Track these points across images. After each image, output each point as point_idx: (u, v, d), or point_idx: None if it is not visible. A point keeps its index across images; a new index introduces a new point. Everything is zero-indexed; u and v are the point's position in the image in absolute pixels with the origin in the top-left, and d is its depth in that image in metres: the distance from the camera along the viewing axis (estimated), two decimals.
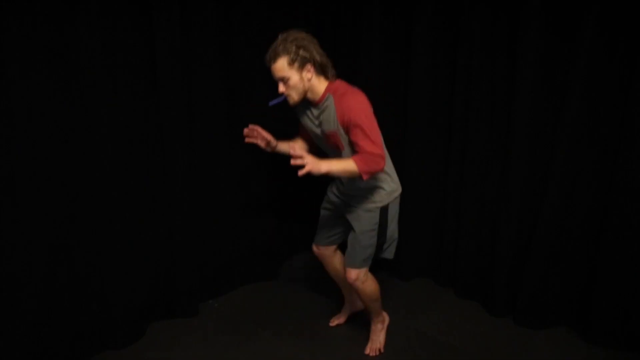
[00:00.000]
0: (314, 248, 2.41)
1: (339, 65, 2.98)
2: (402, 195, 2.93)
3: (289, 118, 2.30)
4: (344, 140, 1.91)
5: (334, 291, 2.63)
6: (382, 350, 2.30)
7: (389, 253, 2.20)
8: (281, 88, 1.88)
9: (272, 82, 1.94)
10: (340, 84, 1.93)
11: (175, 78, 2.30)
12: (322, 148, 2.13)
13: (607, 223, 2.21)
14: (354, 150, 1.87)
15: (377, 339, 2.32)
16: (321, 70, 1.89)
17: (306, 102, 1.98)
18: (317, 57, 1.85)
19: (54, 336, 2.11)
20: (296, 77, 1.84)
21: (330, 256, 2.39)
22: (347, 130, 1.85)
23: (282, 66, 1.82)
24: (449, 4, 2.58)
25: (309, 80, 1.87)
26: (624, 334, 2.25)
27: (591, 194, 2.26)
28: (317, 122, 1.99)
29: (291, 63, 1.82)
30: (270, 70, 1.87)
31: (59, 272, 2.08)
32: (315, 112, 1.97)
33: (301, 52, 1.81)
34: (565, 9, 2.14)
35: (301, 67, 1.84)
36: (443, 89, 2.72)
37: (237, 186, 2.73)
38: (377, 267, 2.99)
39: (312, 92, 1.91)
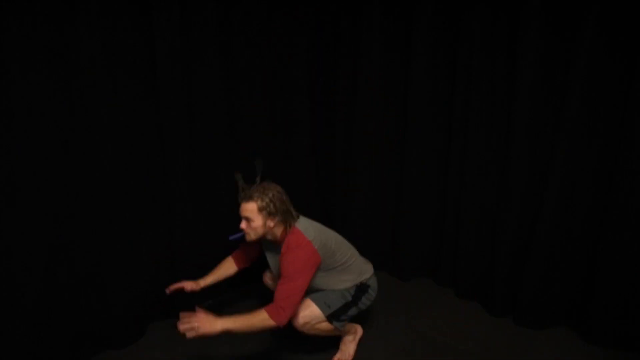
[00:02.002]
0: (265, 274, 2.47)
1: (339, 65, 3.02)
2: (403, 195, 2.95)
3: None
4: None
5: None
6: None
7: (340, 325, 2.17)
8: (243, 225, 2.05)
9: (271, 83, 1.94)
10: (293, 237, 2.04)
11: (175, 78, 2.30)
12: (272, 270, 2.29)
13: (607, 223, 2.21)
14: (311, 286, 2.04)
15: (347, 350, 2.28)
16: (283, 222, 2.06)
17: (267, 242, 2.19)
18: (283, 213, 2.04)
19: (54, 336, 2.11)
20: (260, 222, 2.02)
21: None
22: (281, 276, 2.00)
23: (251, 208, 2.00)
24: (449, 4, 2.58)
25: (271, 228, 2.05)
26: (624, 334, 2.25)
27: (591, 194, 2.26)
28: (273, 258, 2.21)
29: (260, 210, 2.00)
30: (239, 206, 2.04)
31: (59, 272, 2.08)
32: (274, 250, 2.18)
33: (272, 206, 2.00)
34: (565, 9, 2.14)
35: (267, 216, 2.02)
36: (443, 89, 2.72)
37: (237, 186, 2.73)
38: (377, 267, 3.01)
39: (271, 236, 2.09)
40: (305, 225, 2.10)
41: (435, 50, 2.68)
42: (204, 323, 1.81)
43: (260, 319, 1.88)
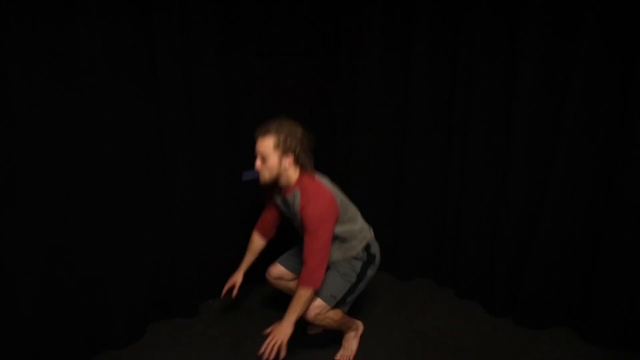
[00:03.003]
0: (272, 268, 2.38)
1: (340, 65, 3.02)
2: (403, 195, 2.95)
3: None
4: None
5: None
6: (351, 359, 2.27)
7: (346, 306, 2.17)
8: (258, 164, 1.97)
9: (271, 83, 1.95)
10: (311, 183, 2.00)
11: (175, 78, 2.30)
12: (295, 227, 2.22)
13: (607, 223, 2.21)
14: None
15: (349, 347, 2.29)
16: (299, 164, 1.99)
17: (281, 189, 2.10)
18: (301, 152, 1.96)
19: (54, 336, 2.11)
20: (275, 160, 1.94)
21: (288, 280, 2.38)
22: (304, 230, 1.96)
23: (267, 144, 1.93)
24: (449, 4, 2.58)
25: (286, 168, 1.97)
26: (624, 334, 2.25)
27: (591, 194, 2.26)
28: (290, 207, 2.10)
29: (276, 146, 1.92)
30: (256, 142, 1.97)
31: (59, 272, 2.08)
32: (287, 199, 2.09)
33: (289, 140, 1.92)
34: (565, 9, 2.15)
35: (283, 153, 1.94)
36: (443, 89, 2.72)
37: (237, 186, 2.73)
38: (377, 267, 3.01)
39: (284, 179, 2.01)
40: (320, 176, 2.07)
41: (435, 50, 2.68)
42: (280, 336, 1.90)
43: (304, 299, 1.92)
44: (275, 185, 2.12)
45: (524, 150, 2.35)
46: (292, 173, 2.00)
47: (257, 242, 2.38)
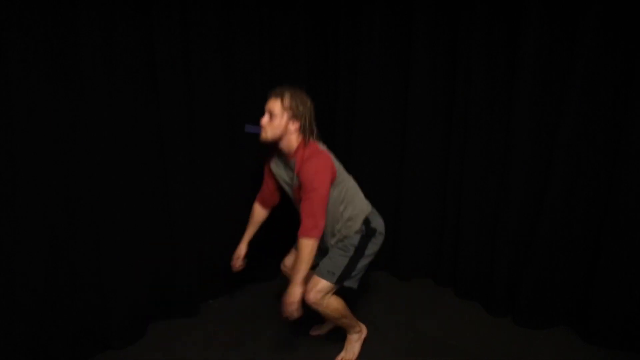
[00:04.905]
0: (286, 258, 2.39)
1: (340, 65, 3.02)
2: (403, 195, 2.95)
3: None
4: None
5: None
6: None
7: (354, 283, 2.15)
8: (265, 119, 2.01)
9: (271, 83, 1.94)
10: (313, 147, 2.04)
11: (175, 78, 2.30)
12: (289, 195, 2.22)
13: (607, 223, 2.21)
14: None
15: (352, 350, 2.28)
16: (304, 133, 2.03)
17: (280, 153, 2.12)
18: (307, 122, 2.02)
19: (54, 336, 2.11)
20: (281, 121, 1.99)
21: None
22: (302, 190, 2.00)
23: (278, 104, 1.98)
24: (449, 5, 2.58)
25: (291, 132, 2.01)
26: (624, 334, 2.25)
27: (591, 194, 2.26)
28: (288, 171, 2.13)
29: (286, 109, 1.98)
30: (267, 100, 2.02)
31: (59, 272, 2.08)
32: (287, 162, 2.11)
33: (300, 108, 1.99)
34: (565, 9, 2.15)
35: (291, 118, 1.99)
36: (443, 89, 2.72)
37: (237, 186, 2.73)
38: (377, 267, 3.01)
39: (286, 144, 2.04)
40: (322, 145, 2.11)
41: (435, 50, 2.68)
42: (292, 300, 1.94)
43: (306, 251, 1.93)
44: (275, 149, 2.14)
45: (524, 150, 2.35)
46: (294, 139, 2.03)
47: (258, 212, 2.38)
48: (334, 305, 2.10)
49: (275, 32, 2.71)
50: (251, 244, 2.59)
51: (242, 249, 2.37)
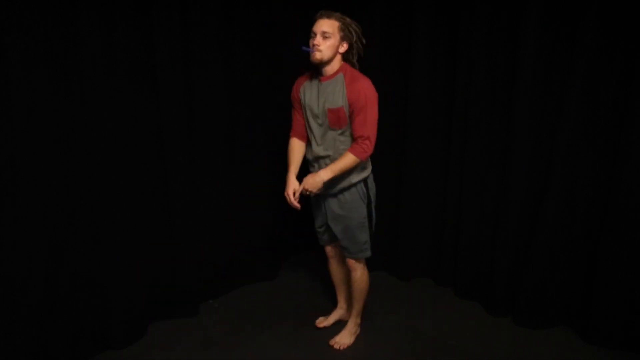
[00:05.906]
0: (327, 249, 2.44)
1: None
2: (403, 195, 2.94)
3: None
4: (347, 119, 2.06)
5: (333, 291, 2.63)
6: (341, 349, 2.31)
7: (367, 249, 2.27)
8: (317, 40, 2.00)
9: (271, 83, 1.93)
10: (353, 70, 2.09)
11: (175, 78, 2.30)
12: (313, 129, 2.15)
13: (607, 223, 2.21)
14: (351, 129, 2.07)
15: (347, 337, 2.36)
16: (349, 55, 2.08)
17: (313, 78, 2.14)
18: (355, 46, 2.07)
19: (54, 336, 2.11)
20: (335, 42, 2.01)
21: (337, 257, 2.44)
22: (352, 111, 2.03)
23: (333, 25, 2.01)
24: (449, 4, 2.58)
25: (340, 53, 2.05)
26: (624, 334, 2.25)
27: (591, 194, 2.26)
28: (321, 98, 2.09)
29: (340, 30, 2.02)
30: (315, 22, 2.03)
31: (59, 272, 2.08)
32: (323, 86, 2.09)
33: (353, 31, 2.04)
34: (565, 9, 2.14)
35: (343, 40, 2.03)
36: (443, 89, 2.72)
37: (237, 186, 2.73)
38: (377, 267, 3.01)
39: (329, 67, 2.06)
40: None
41: (435, 50, 2.68)
42: (309, 186, 2.05)
43: (347, 163, 2.03)
44: (309, 75, 2.16)
45: (524, 150, 2.35)
46: (337, 60, 2.06)
47: (299, 146, 2.26)
48: (366, 278, 2.28)
49: (275, 32, 2.71)
50: (252, 244, 2.61)
51: (294, 183, 2.16)
